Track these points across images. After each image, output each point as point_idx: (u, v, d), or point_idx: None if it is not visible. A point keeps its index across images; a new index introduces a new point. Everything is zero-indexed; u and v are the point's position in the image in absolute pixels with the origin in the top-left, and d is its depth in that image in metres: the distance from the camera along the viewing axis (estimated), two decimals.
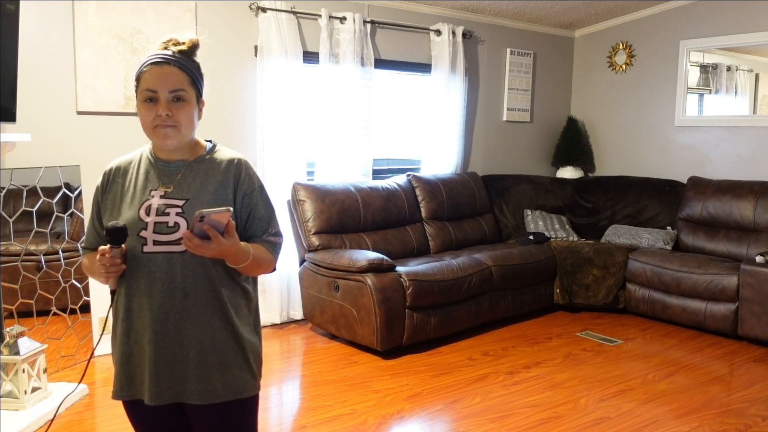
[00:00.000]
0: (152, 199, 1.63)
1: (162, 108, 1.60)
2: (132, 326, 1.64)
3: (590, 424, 3.16)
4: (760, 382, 3.76)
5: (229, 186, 1.68)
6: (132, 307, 1.63)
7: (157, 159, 1.69)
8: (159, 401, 1.63)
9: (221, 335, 1.65)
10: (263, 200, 1.72)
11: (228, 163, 1.71)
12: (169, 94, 1.61)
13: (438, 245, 5.01)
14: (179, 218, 1.61)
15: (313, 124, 4.75)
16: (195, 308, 1.62)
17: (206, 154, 1.72)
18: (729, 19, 5.36)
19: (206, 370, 1.64)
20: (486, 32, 5.78)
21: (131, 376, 1.66)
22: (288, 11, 4.46)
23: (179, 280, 1.60)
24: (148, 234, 1.60)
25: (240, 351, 1.68)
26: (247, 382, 1.70)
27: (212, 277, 1.63)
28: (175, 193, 1.64)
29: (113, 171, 1.73)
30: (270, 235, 1.71)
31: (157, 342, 1.61)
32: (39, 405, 3.11)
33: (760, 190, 4.94)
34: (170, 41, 1.68)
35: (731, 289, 4.39)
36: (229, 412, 1.69)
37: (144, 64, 1.64)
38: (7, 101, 3.01)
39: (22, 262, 3.51)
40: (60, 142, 3.78)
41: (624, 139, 6.17)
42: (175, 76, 1.62)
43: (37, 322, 3.57)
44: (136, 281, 1.61)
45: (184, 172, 1.67)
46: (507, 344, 4.35)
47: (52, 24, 3.72)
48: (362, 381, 3.67)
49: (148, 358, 1.62)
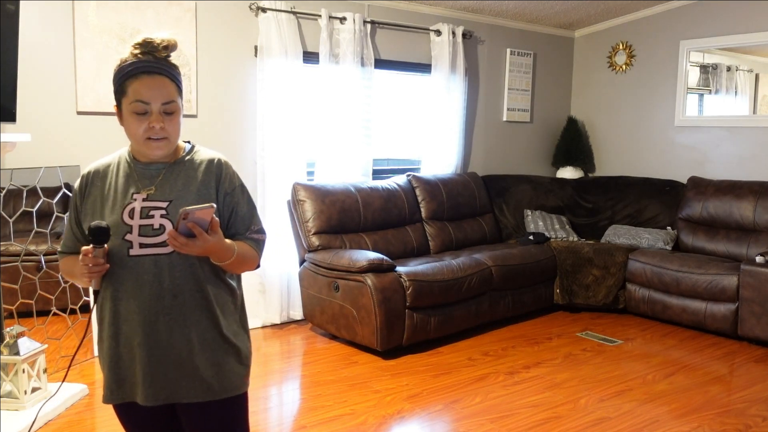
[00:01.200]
0: (135, 203, 1.62)
1: (155, 120, 1.58)
2: (120, 329, 1.63)
3: (590, 425, 3.16)
4: (760, 382, 3.76)
5: (211, 185, 1.68)
6: (119, 310, 1.62)
7: (137, 162, 1.68)
8: (154, 402, 1.64)
9: (210, 333, 1.66)
10: (245, 198, 1.73)
11: (208, 163, 1.70)
12: (162, 106, 1.59)
13: (438, 245, 5.01)
14: (164, 220, 1.60)
15: (313, 124, 4.75)
16: (185, 309, 1.62)
17: (186, 155, 1.71)
18: (729, 19, 5.36)
19: (200, 368, 1.64)
20: (486, 32, 5.78)
21: (121, 379, 1.66)
22: (288, 11, 4.46)
23: (168, 282, 1.60)
24: (134, 237, 1.59)
25: (230, 347, 1.69)
26: (240, 378, 1.72)
27: (199, 277, 1.63)
28: (158, 195, 1.63)
29: (91, 174, 1.71)
30: (253, 232, 1.72)
31: (148, 344, 1.61)
32: (39, 405, 3.11)
33: (760, 190, 4.94)
34: (150, 44, 1.60)
35: (731, 289, 4.39)
36: (224, 409, 1.70)
37: (129, 71, 1.58)
38: (7, 101, 3.01)
39: (22, 263, 3.51)
40: (60, 142, 3.78)
41: (624, 139, 6.17)
42: (167, 88, 1.60)
43: (37, 323, 3.57)
44: (122, 284, 1.61)
45: (165, 173, 1.66)
46: (507, 344, 4.35)
47: (52, 24, 3.72)
48: (362, 381, 3.67)
49: (139, 360, 1.62)
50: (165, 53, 1.62)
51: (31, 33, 3.59)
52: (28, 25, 3.48)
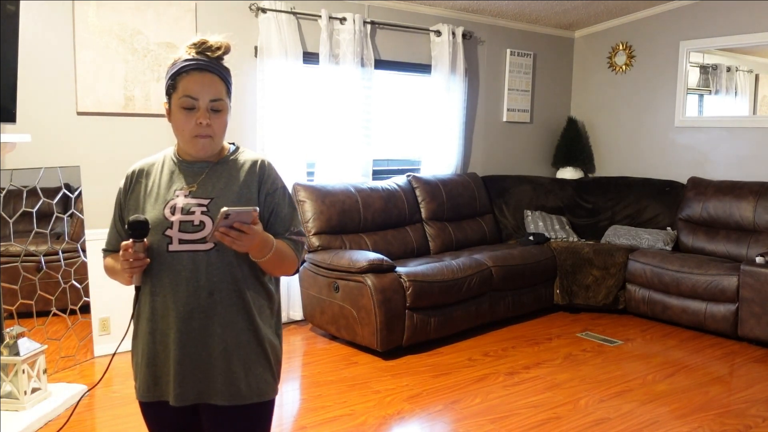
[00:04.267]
0: (177, 199, 1.63)
1: (202, 117, 1.60)
2: (156, 326, 1.63)
3: (590, 425, 3.16)
4: (760, 382, 3.76)
5: (252, 186, 1.68)
6: (156, 306, 1.62)
7: (181, 160, 1.70)
8: (183, 402, 1.63)
9: (245, 336, 1.65)
10: (286, 200, 1.73)
11: (251, 164, 1.71)
12: (210, 102, 1.61)
13: (438, 246, 5.01)
14: (204, 217, 1.61)
15: (313, 125, 4.75)
16: (220, 307, 1.61)
17: (229, 156, 1.72)
18: (729, 20, 5.36)
19: (230, 370, 1.63)
20: (486, 33, 5.78)
21: (157, 377, 1.65)
22: (288, 12, 4.46)
23: (204, 279, 1.60)
24: (174, 233, 1.60)
25: (262, 352, 1.68)
26: (269, 384, 1.70)
27: (237, 276, 1.63)
28: (200, 192, 1.65)
29: (136, 173, 1.72)
30: (292, 234, 1.72)
31: (182, 341, 1.60)
32: (39, 405, 3.11)
33: (760, 190, 4.94)
34: (204, 45, 1.65)
35: (731, 289, 4.39)
36: (250, 414, 1.68)
37: (182, 68, 1.62)
38: (7, 101, 3.01)
39: (22, 263, 3.51)
40: (60, 143, 3.77)
41: (624, 139, 6.17)
42: (216, 86, 1.63)
43: (37, 323, 3.57)
44: (160, 280, 1.61)
45: (208, 172, 1.68)
46: (507, 345, 4.35)
47: (52, 24, 3.72)
48: (362, 381, 3.66)
49: (172, 358, 1.62)
50: (218, 53, 1.66)
51: (31, 33, 3.59)
52: (28, 25, 3.48)
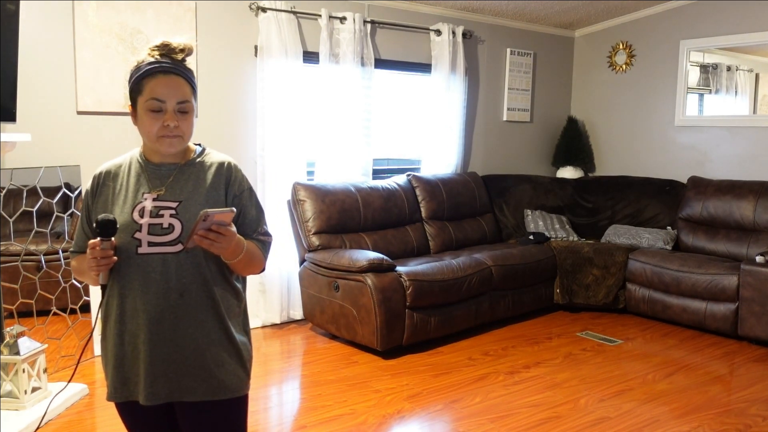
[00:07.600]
0: (145, 202, 1.65)
1: (170, 119, 1.62)
2: (125, 327, 1.65)
3: (590, 424, 3.16)
4: (760, 382, 3.76)
5: (220, 188, 1.71)
6: (125, 308, 1.64)
7: (148, 162, 1.71)
8: (154, 401, 1.65)
9: (215, 334, 1.68)
10: (252, 202, 1.76)
11: (218, 166, 1.73)
12: (177, 104, 1.63)
13: (438, 245, 5.01)
14: (173, 219, 1.63)
15: (313, 124, 4.75)
16: (190, 308, 1.64)
17: (196, 158, 1.74)
18: (729, 19, 5.36)
19: (202, 367, 1.66)
20: (486, 32, 5.78)
21: (125, 378, 1.67)
22: (288, 11, 4.46)
23: (175, 281, 1.62)
24: (143, 235, 1.62)
25: (233, 349, 1.71)
26: (241, 380, 1.73)
27: (206, 276, 1.66)
28: (168, 195, 1.66)
29: (103, 175, 1.73)
30: (260, 234, 1.76)
31: (152, 342, 1.62)
32: (39, 405, 3.11)
33: (760, 190, 4.94)
34: (167, 47, 1.65)
35: (731, 289, 4.39)
36: (224, 410, 1.71)
37: (147, 71, 1.63)
38: (7, 101, 3.01)
39: (22, 262, 3.51)
40: (60, 142, 3.78)
41: (624, 139, 6.17)
42: (182, 88, 1.64)
43: (37, 322, 3.57)
44: (129, 282, 1.63)
45: (175, 175, 1.69)
46: (507, 344, 4.35)
47: (52, 24, 3.72)
48: (362, 381, 3.67)
49: (142, 359, 1.64)
50: (182, 56, 1.67)
51: (31, 33, 3.58)
52: (28, 25, 3.48)
